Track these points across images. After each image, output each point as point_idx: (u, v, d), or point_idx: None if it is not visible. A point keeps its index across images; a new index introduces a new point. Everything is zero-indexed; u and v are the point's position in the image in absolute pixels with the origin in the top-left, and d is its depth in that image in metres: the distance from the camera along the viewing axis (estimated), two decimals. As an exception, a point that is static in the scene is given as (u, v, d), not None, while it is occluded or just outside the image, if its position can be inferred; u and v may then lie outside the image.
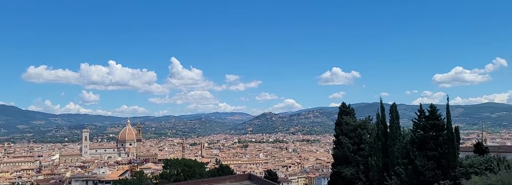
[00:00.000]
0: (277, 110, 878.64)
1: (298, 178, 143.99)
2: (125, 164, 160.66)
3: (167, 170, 62.42)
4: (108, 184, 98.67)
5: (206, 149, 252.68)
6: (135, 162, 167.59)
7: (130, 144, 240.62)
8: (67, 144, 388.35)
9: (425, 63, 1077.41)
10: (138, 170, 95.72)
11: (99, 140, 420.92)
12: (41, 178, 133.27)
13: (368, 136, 42.27)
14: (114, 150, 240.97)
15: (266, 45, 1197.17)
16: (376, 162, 35.17)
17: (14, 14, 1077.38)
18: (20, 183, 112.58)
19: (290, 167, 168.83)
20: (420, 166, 28.27)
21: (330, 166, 64.26)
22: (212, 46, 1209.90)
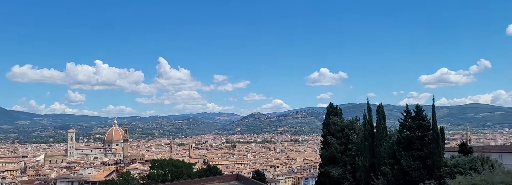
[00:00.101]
0: (265, 110, 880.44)
1: (286, 178, 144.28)
2: (112, 165, 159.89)
3: (154, 171, 62.15)
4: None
5: (193, 149, 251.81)
6: (122, 162, 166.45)
7: (116, 145, 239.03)
8: (52, 144, 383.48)
9: (411, 65, 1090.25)
10: (125, 170, 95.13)
11: (85, 140, 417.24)
12: (25, 179, 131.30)
13: (355, 136, 42.62)
14: (100, 151, 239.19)
15: (254, 46, 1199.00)
16: (363, 162, 35.49)
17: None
18: (4, 184, 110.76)
19: (278, 167, 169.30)
20: (406, 166, 28.60)
21: (317, 166, 64.56)
22: (200, 46, 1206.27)
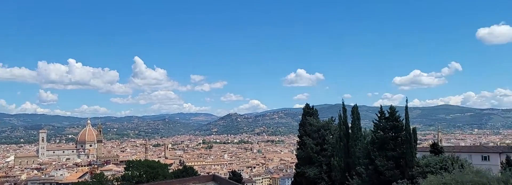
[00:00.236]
0: (242, 110, 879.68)
1: (262, 179, 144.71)
2: (85, 166, 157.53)
3: (129, 172, 61.37)
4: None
5: (169, 150, 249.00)
6: (95, 163, 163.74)
7: (90, 145, 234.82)
8: (23, 145, 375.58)
9: (385, 67, 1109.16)
10: (98, 172, 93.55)
11: (57, 141, 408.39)
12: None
13: (331, 136, 43.15)
14: (73, 152, 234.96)
15: (231, 46, 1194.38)
16: (338, 162, 36.00)
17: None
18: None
19: (254, 167, 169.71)
20: (380, 166, 29.17)
21: (294, 167, 65.00)
22: (177, 46, 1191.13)
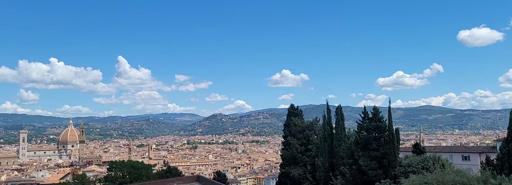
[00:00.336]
0: (227, 111, 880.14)
1: (247, 179, 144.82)
2: (67, 167, 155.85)
3: (112, 173, 60.48)
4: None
5: (153, 150, 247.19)
6: (77, 164, 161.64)
7: (72, 146, 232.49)
8: (2, 145, 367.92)
9: (369, 68, 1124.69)
10: (80, 173, 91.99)
11: (39, 141, 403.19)
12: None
13: (315, 137, 43.52)
14: (54, 152, 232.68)
15: (216, 46, 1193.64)
16: (322, 162, 36.32)
17: None
18: None
19: (239, 168, 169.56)
20: (363, 166, 29.56)
21: (278, 167, 65.21)
22: (161, 46, 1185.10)
